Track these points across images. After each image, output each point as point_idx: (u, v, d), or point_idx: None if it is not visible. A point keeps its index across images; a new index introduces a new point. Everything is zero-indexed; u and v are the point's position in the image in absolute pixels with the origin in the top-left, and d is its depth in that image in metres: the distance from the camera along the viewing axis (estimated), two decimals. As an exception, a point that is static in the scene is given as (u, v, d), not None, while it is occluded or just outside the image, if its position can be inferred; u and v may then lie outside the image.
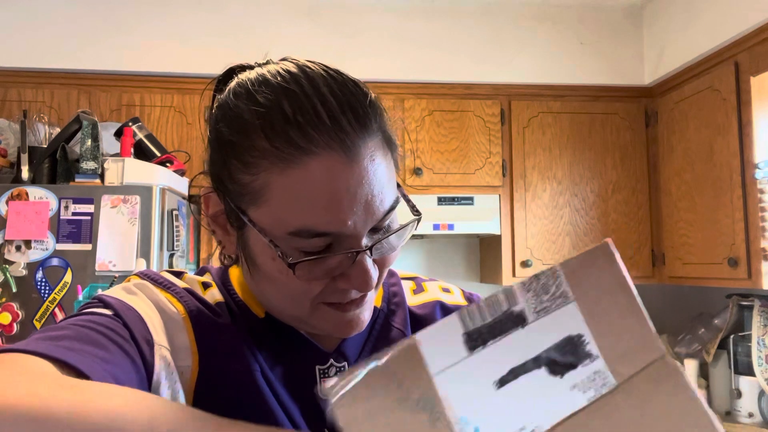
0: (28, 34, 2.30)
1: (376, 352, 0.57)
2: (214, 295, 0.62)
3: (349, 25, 2.46)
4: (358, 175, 0.51)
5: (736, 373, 2.16)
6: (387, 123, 0.55)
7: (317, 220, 0.51)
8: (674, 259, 2.36)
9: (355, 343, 0.64)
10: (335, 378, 0.54)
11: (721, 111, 2.11)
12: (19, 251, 1.77)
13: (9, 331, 1.73)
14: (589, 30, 2.56)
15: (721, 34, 2.10)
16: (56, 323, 0.52)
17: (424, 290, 0.72)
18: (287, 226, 0.51)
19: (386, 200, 0.53)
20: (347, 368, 0.61)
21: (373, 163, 0.52)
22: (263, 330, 0.60)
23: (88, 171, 1.86)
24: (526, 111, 2.50)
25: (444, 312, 0.70)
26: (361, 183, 0.51)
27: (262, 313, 0.61)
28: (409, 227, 0.56)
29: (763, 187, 1.96)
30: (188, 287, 0.61)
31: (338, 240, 0.52)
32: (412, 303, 0.70)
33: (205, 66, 2.37)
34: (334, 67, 0.55)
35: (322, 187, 0.50)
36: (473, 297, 0.75)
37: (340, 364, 0.62)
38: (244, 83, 0.55)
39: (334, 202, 0.50)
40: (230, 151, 0.54)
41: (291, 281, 0.53)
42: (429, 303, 0.71)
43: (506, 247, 2.44)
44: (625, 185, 2.51)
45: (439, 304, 0.71)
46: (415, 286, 0.73)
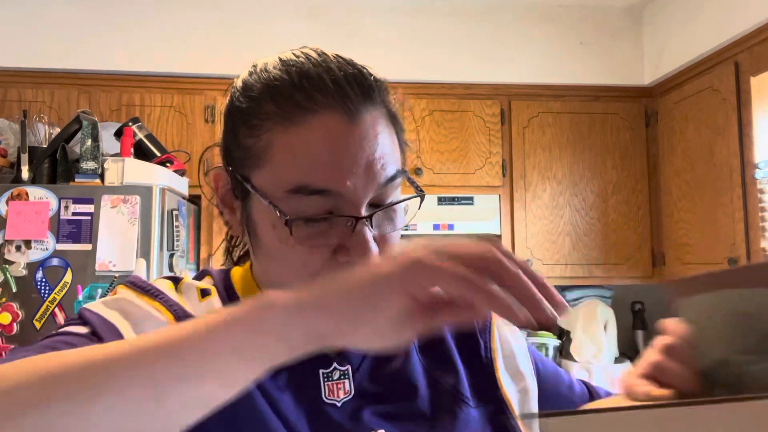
0: (28, 34, 2.31)
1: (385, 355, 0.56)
2: (213, 303, 0.61)
3: (349, 25, 2.46)
4: (359, 137, 0.52)
5: (736, 373, 2.16)
6: (392, 103, 0.57)
7: (316, 177, 0.51)
8: (674, 259, 2.36)
9: None
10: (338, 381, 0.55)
11: (721, 111, 2.11)
12: (19, 251, 1.76)
13: (9, 331, 1.73)
14: (589, 30, 2.56)
15: (721, 34, 2.10)
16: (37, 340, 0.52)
17: None
18: (287, 183, 0.52)
19: (388, 168, 0.53)
20: (350, 372, 0.60)
21: (375, 130, 0.53)
22: None
23: (88, 171, 1.86)
24: (526, 111, 2.50)
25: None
26: (362, 145, 0.52)
27: None
28: (411, 205, 0.56)
29: (763, 187, 1.96)
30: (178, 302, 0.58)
31: (337, 206, 0.52)
32: None
33: (205, 66, 2.37)
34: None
35: (323, 143, 0.51)
36: None
37: (344, 368, 0.60)
38: (257, 64, 0.58)
39: (333, 159, 0.51)
40: (238, 118, 0.56)
41: (290, 251, 0.53)
42: None
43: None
44: (625, 185, 2.51)
45: None
46: None
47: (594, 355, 2.36)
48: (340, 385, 0.60)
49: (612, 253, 2.47)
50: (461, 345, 0.66)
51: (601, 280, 2.47)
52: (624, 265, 2.47)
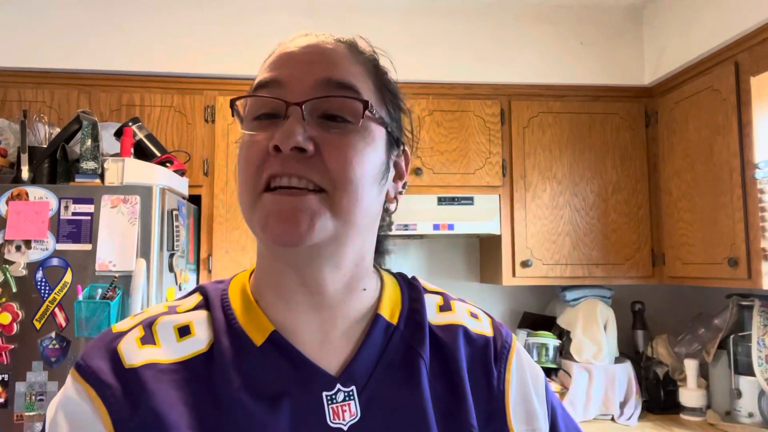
0: (28, 34, 2.31)
1: (390, 374, 0.59)
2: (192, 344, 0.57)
3: (349, 25, 2.46)
4: (310, 44, 0.58)
5: (736, 373, 2.16)
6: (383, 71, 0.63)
7: (264, 75, 0.58)
8: (674, 259, 2.37)
9: (365, 364, 0.59)
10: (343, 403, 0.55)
11: (721, 111, 2.11)
12: (19, 251, 1.77)
13: (9, 331, 1.73)
14: (589, 30, 2.56)
15: (721, 34, 2.10)
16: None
17: (451, 310, 0.67)
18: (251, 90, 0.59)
19: (335, 74, 0.56)
20: (356, 392, 0.57)
21: (333, 49, 0.58)
22: (260, 359, 0.56)
23: (88, 171, 1.86)
24: (526, 111, 2.50)
25: (467, 341, 0.65)
26: (310, 49, 0.58)
27: (262, 337, 0.57)
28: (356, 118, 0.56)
29: (763, 187, 1.96)
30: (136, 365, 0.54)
31: (281, 96, 0.56)
32: (435, 321, 0.65)
33: (205, 66, 2.37)
34: None
35: (274, 55, 0.59)
36: (502, 329, 0.69)
37: (348, 389, 0.57)
38: None
39: (279, 57, 0.58)
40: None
41: (243, 152, 0.57)
42: (453, 326, 0.65)
43: (506, 247, 2.44)
44: (625, 185, 2.51)
45: (463, 330, 0.65)
46: (443, 302, 0.68)
47: (594, 355, 2.36)
48: (345, 408, 0.56)
49: (612, 253, 2.47)
50: (473, 369, 0.63)
51: (601, 280, 2.47)
52: (624, 265, 2.47)
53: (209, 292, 0.62)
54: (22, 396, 1.71)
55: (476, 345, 0.65)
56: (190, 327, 0.58)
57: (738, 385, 2.14)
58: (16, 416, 1.70)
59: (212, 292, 0.62)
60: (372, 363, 0.59)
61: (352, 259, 0.59)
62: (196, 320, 0.59)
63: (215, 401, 0.54)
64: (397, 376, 0.59)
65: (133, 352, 0.56)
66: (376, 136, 0.58)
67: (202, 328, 0.58)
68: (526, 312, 2.74)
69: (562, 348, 2.48)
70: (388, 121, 0.60)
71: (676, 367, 2.42)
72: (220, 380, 0.55)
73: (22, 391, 1.71)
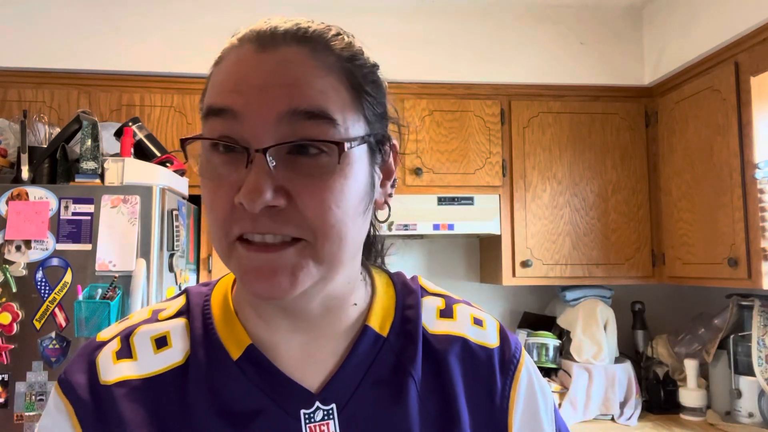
0: (28, 34, 2.31)
1: (375, 392, 0.53)
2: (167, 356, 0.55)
3: (349, 26, 2.44)
4: (266, 62, 0.49)
5: (736, 373, 2.16)
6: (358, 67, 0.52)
7: (215, 98, 0.50)
8: (674, 259, 2.36)
9: (349, 380, 0.54)
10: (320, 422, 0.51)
11: (721, 111, 2.11)
12: (19, 251, 1.77)
13: (9, 331, 1.73)
14: (589, 30, 2.56)
15: (721, 34, 2.10)
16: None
17: (452, 317, 0.61)
18: (202, 113, 0.52)
19: (303, 104, 0.47)
20: (335, 411, 0.53)
21: (294, 62, 0.49)
22: (236, 374, 0.53)
23: (88, 171, 1.86)
24: (526, 111, 2.50)
25: (466, 354, 0.58)
26: (268, 68, 0.48)
27: (238, 350, 0.54)
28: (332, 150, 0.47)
29: (763, 187, 1.96)
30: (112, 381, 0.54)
31: (237, 132, 0.48)
32: (433, 329, 0.59)
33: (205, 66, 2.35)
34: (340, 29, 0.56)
35: (228, 69, 0.51)
36: (511, 338, 0.62)
37: (328, 407, 0.53)
38: None
39: (230, 76, 0.50)
40: None
41: (207, 195, 0.50)
42: (451, 337, 0.59)
43: (506, 247, 2.44)
44: (625, 185, 2.51)
45: (462, 342, 0.59)
46: (444, 307, 0.61)
47: (594, 355, 2.36)
48: (323, 427, 0.53)
49: (612, 253, 2.47)
50: (472, 385, 0.57)
51: (601, 280, 2.47)
52: (624, 265, 2.47)
53: (192, 297, 0.60)
54: (22, 396, 1.71)
55: (477, 358, 0.59)
56: (167, 338, 0.56)
57: (738, 385, 2.14)
58: (16, 416, 1.70)
59: (194, 298, 0.59)
60: (357, 379, 0.54)
61: (339, 287, 0.54)
62: (174, 329, 0.57)
63: (185, 419, 0.52)
64: (383, 393, 0.54)
65: (108, 367, 0.55)
66: (355, 163, 0.50)
67: (179, 339, 0.56)
68: (526, 312, 2.74)
69: (562, 348, 2.48)
70: (367, 129, 0.51)
71: (676, 367, 2.42)
72: (192, 396, 0.53)
73: (22, 391, 1.71)
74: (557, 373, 2.46)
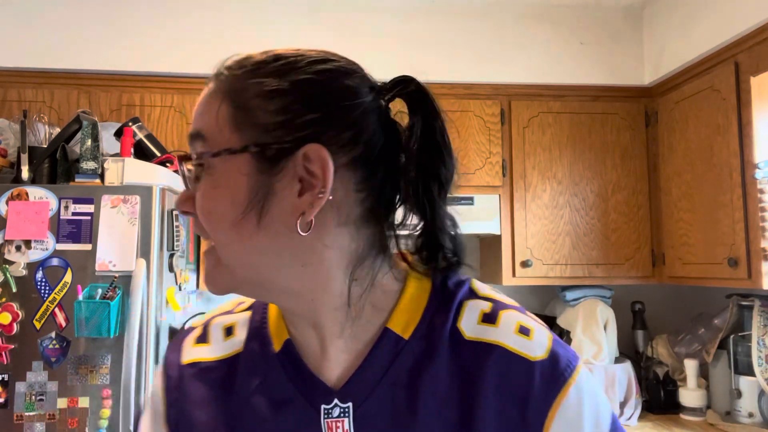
0: (28, 34, 2.31)
1: (392, 394, 0.54)
2: (233, 343, 0.62)
3: (349, 26, 2.46)
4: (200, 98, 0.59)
5: (736, 373, 2.16)
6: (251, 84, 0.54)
7: None
8: (674, 259, 2.36)
9: (367, 381, 0.55)
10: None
11: (721, 111, 2.11)
12: (19, 251, 1.77)
13: (9, 331, 1.73)
14: (589, 30, 2.56)
15: (721, 34, 2.10)
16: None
17: (495, 323, 0.56)
18: None
19: (193, 127, 0.56)
20: (351, 410, 0.55)
21: (205, 93, 0.58)
22: (275, 365, 0.58)
23: (88, 171, 1.86)
24: (526, 111, 2.50)
25: (501, 362, 0.54)
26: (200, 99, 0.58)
27: (279, 344, 0.59)
28: (207, 162, 0.53)
29: (763, 187, 1.96)
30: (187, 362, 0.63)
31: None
32: (470, 335, 0.56)
33: (205, 66, 2.35)
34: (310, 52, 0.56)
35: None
36: (563, 353, 0.55)
37: (345, 405, 0.55)
38: None
39: None
40: None
41: None
42: (486, 345, 0.55)
43: (506, 247, 2.44)
44: (625, 185, 2.51)
45: (500, 351, 0.55)
46: (489, 311, 0.57)
47: (594, 355, 2.36)
48: (339, 424, 0.55)
49: (612, 253, 2.47)
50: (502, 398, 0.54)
51: (601, 280, 2.47)
52: (624, 265, 2.47)
53: None
54: (22, 396, 1.71)
55: (513, 369, 0.54)
56: (233, 328, 0.63)
57: (738, 385, 2.15)
58: (16, 416, 1.70)
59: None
60: (375, 380, 0.55)
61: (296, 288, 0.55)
62: (241, 321, 0.64)
63: (233, 402, 0.59)
64: (399, 395, 0.54)
65: (188, 349, 0.64)
66: (226, 172, 0.52)
67: (242, 329, 0.63)
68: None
69: (562, 348, 2.48)
70: (255, 140, 0.52)
71: (676, 367, 2.42)
72: (241, 381, 0.59)
73: (22, 391, 1.71)
74: (557, 373, 2.46)
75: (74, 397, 1.72)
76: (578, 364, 0.56)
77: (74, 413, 1.72)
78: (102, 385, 1.73)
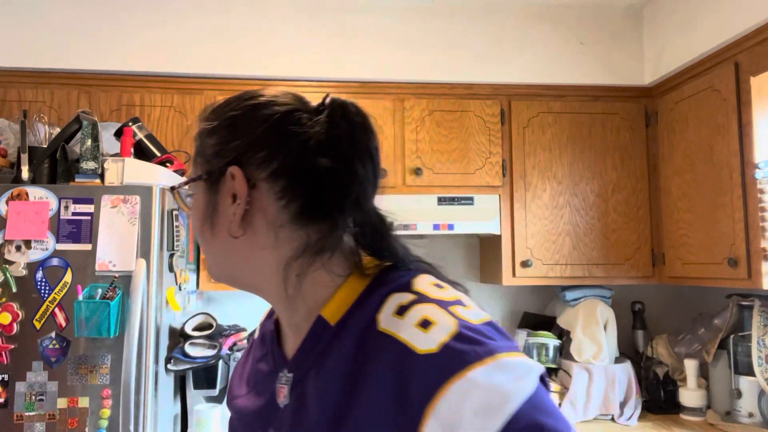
0: (28, 34, 2.31)
1: (316, 371, 0.64)
2: (265, 323, 0.82)
3: (349, 26, 2.46)
4: None
5: (736, 373, 2.16)
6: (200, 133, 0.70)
7: None
8: (674, 259, 2.37)
9: (302, 359, 0.66)
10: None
11: (721, 111, 2.11)
12: (19, 251, 1.77)
13: (9, 331, 1.73)
14: (589, 30, 2.56)
15: (721, 34, 2.10)
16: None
17: (403, 315, 0.58)
18: None
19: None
20: (291, 379, 0.66)
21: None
22: (273, 338, 0.74)
23: (88, 171, 1.86)
24: (526, 111, 2.50)
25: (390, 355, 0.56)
26: None
27: (273, 324, 0.77)
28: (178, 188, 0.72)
29: (763, 187, 1.96)
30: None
31: None
32: (382, 326, 0.59)
33: (205, 66, 2.37)
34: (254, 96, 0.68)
35: None
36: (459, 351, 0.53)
37: (290, 374, 0.66)
38: None
39: None
40: None
41: None
42: (385, 335, 0.58)
43: (506, 247, 2.44)
44: (625, 185, 2.51)
45: (391, 341, 0.57)
46: (406, 304, 0.59)
47: (594, 355, 2.36)
48: (283, 390, 0.67)
49: (612, 253, 2.47)
50: (387, 384, 0.55)
51: (601, 280, 2.47)
52: (624, 265, 2.47)
53: None
54: (22, 396, 1.71)
55: (399, 360, 0.55)
56: (267, 313, 0.82)
57: (738, 385, 2.15)
58: (16, 416, 1.70)
59: None
60: (305, 358, 0.65)
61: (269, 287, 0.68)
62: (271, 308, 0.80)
63: (251, 363, 0.78)
64: (320, 375, 0.62)
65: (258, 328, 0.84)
66: (195, 195, 0.70)
67: (266, 315, 0.82)
68: (526, 312, 2.74)
69: (562, 348, 2.48)
70: (201, 171, 0.68)
71: (676, 367, 2.42)
72: (254, 351, 0.79)
73: (22, 391, 1.71)
74: (557, 373, 2.46)
75: (74, 397, 1.72)
76: (478, 360, 0.53)
77: (74, 413, 1.72)
78: (102, 385, 1.73)
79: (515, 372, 0.53)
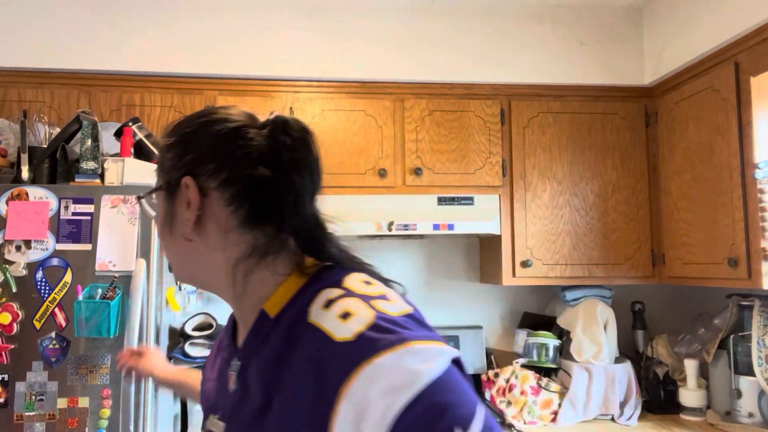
0: (28, 34, 2.31)
1: (257, 360, 0.70)
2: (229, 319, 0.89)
3: (349, 26, 2.46)
4: None
5: (736, 373, 2.16)
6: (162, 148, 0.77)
7: None
8: (674, 259, 2.37)
9: (248, 348, 0.72)
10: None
11: (721, 111, 2.11)
12: (19, 251, 1.77)
13: (9, 331, 1.73)
14: (589, 30, 2.56)
15: (721, 34, 2.10)
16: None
17: (328, 308, 0.63)
18: None
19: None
20: (239, 367, 0.72)
21: None
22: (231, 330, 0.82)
23: (88, 171, 1.86)
24: (526, 111, 2.50)
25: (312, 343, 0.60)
26: None
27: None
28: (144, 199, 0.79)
29: (763, 187, 1.96)
30: None
31: None
32: (312, 318, 0.63)
33: (205, 66, 2.37)
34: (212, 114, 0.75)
35: None
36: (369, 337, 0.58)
37: (238, 362, 0.73)
38: None
39: None
40: None
41: None
42: (311, 326, 0.62)
43: (506, 247, 2.44)
44: (625, 185, 2.51)
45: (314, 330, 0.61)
46: (334, 298, 0.64)
47: (594, 355, 2.36)
48: (231, 376, 0.74)
49: (612, 253, 2.47)
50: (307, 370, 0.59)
51: (601, 280, 2.47)
52: (624, 265, 2.47)
53: None
54: (22, 396, 1.71)
55: (319, 348, 0.59)
56: None
57: (738, 385, 2.15)
58: (16, 416, 1.70)
59: None
60: (251, 348, 0.71)
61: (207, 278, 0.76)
62: None
63: (216, 352, 0.87)
64: (259, 363, 0.68)
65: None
66: (158, 204, 0.77)
67: None
68: (526, 312, 2.74)
69: (562, 348, 2.48)
70: (162, 181, 0.76)
71: (676, 367, 2.42)
72: (220, 340, 0.87)
73: (22, 391, 1.71)
74: (557, 373, 2.46)
75: (74, 397, 1.72)
76: (390, 347, 0.56)
77: (74, 413, 1.72)
78: (102, 385, 1.73)
79: (425, 356, 0.57)
